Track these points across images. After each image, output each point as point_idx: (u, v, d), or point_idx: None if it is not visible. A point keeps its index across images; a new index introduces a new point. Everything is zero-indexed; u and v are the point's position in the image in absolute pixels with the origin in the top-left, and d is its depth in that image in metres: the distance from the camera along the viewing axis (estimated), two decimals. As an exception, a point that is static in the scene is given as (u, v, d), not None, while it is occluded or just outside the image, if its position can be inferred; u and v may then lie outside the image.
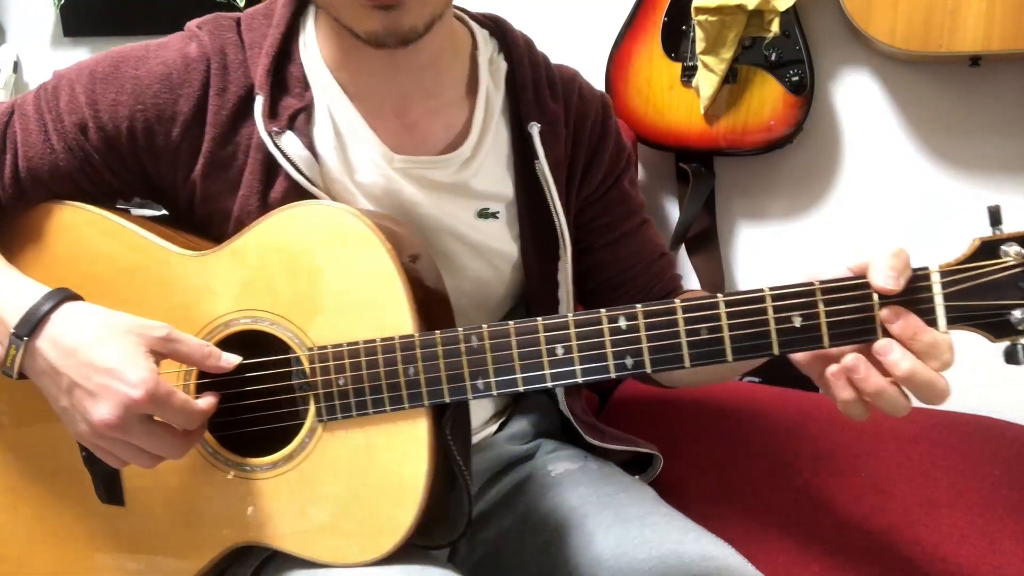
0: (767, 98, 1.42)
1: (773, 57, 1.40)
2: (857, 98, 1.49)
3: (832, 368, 0.67)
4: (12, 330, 0.74)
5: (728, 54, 1.39)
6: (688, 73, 1.45)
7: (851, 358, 0.66)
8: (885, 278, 0.64)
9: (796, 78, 1.39)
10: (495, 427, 1.02)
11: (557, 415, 1.05)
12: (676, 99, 1.47)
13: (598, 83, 1.49)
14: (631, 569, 0.82)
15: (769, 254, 1.60)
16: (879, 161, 1.50)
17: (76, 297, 0.77)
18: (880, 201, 1.51)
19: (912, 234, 1.49)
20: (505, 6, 1.54)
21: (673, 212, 1.63)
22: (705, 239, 1.58)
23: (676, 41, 1.45)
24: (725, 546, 0.84)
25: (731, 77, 1.41)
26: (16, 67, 1.89)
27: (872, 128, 1.50)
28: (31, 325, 0.74)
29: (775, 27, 1.37)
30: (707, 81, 1.41)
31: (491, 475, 0.98)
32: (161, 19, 1.77)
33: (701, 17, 1.38)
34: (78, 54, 1.90)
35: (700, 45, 1.40)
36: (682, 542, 0.83)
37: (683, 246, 1.58)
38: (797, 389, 1.33)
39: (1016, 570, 0.97)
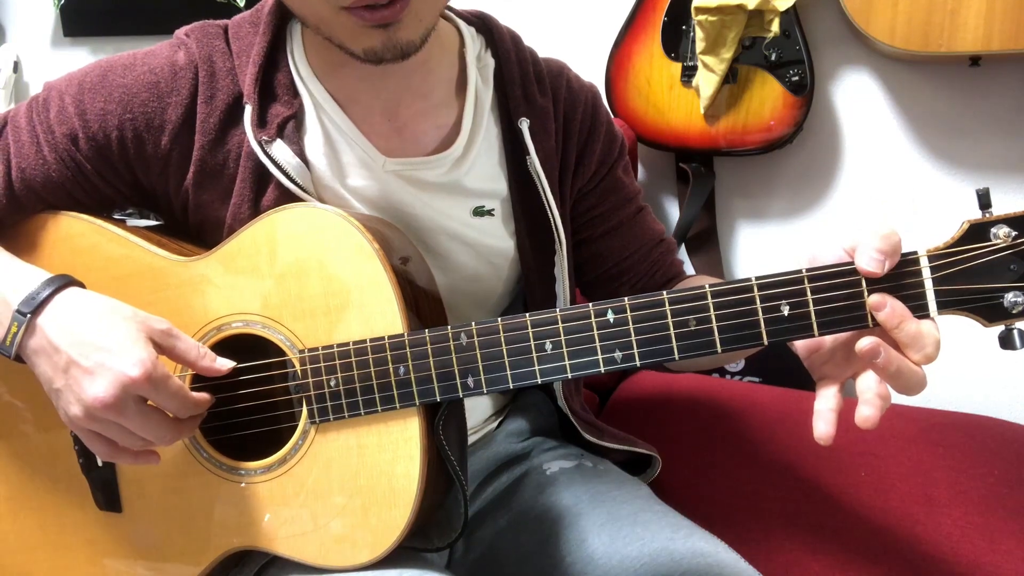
0: (767, 98, 1.42)
1: (773, 57, 1.40)
2: (857, 98, 1.49)
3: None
4: (15, 308, 0.74)
5: (728, 54, 1.39)
6: (688, 73, 1.45)
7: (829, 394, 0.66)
8: (869, 260, 0.63)
9: (796, 78, 1.39)
10: (495, 425, 1.02)
11: (555, 413, 1.05)
12: (676, 99, 1.47)
13: (598, 83, 1.50)
14: (623, 567, 0.82)
15: (769, 254, 1.60)
16: (879, 161, 1.50)
17: (79, 283, 0.78)
18: (880, 201, 1.51)
19: (912, 234, 1.49)
20: (506, 6, 1.54)
21: (673, 212, 1.63)
22: (705, 239, 1.58)
23: (676, 41, 1.45)
24: (717, 542, 0.84)
25: (731, 77, 1.41)
26: (16, 67, 1.89)
27: (872, 128, 1.50)
28: (34, 304, 0.74)
29: (775, 27, 1.37)
30: (707, 81, 1.41)
31: (488, 473, 0.98)
32: (161, 20, 1.77)
33: (701, 17, 1.38)
34: (78, 54, 1.90)
35: (700, 45, 1.40)
36: (673, 539, 0.83)
37: (683, 246, 1.58)
38: (797, 389, 1.33)
39: (1016, 570, 0.97)
